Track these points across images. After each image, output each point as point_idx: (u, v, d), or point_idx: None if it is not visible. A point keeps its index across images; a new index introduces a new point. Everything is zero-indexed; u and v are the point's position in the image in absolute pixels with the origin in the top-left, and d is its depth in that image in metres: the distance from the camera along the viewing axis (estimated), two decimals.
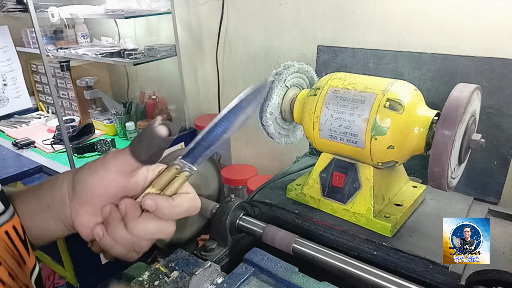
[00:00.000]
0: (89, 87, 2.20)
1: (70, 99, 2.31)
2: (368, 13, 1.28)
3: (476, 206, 0.93)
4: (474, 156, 0.88)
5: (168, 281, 0.70)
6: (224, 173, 1.77)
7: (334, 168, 0.88)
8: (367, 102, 0.79)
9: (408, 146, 0.77)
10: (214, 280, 0.72)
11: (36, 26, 1.51)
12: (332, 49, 1.18)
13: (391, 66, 1.07)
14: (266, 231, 0.81)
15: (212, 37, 1.78)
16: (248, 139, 1.88)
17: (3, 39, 2.21)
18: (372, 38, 1.29)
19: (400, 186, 0.92)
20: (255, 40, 1.65)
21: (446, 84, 0.98)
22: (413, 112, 0.76)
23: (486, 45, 1.07)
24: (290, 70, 0.93)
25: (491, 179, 0.95)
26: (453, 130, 0.67)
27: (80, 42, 2.23)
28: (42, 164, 1.81)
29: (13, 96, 2.31)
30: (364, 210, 0.83)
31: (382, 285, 0.67)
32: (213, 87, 1.90)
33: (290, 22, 1.50)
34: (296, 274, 0.71)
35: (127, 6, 1.92)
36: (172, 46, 1.87)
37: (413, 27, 1.20)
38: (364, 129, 0.78)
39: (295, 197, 0.95)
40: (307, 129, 0.88)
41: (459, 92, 0.70)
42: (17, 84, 2.31)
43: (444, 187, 0.72)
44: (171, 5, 1.79)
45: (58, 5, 1.97)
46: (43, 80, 2.42)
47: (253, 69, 1.71)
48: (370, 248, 0.80)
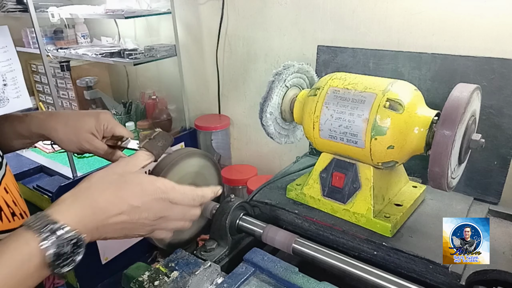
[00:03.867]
0: (89, 87, 2.20)
1: (70, 99, 2.31)
2: (368, 13, 1.28)
3: (476, 206, 0.93)
4: (474, 156, 0.88)
5: (168, 281, 0.70)
6: (224, 173, 1.77)
7: (334, 168, 0.88)
8: (367, 102, 0.79)
9: (408, 146, 0.77)
10: (214, 280, 0.72)
11: (36, 26, 1.52)
12: (332, 49, 1.18)
13: (391, 66, 1.07)
14: (266, 231, 0.81)
15: (212, 37, 1.78)
16: (248, 139, 1.88)
17: (3, 39, 2.19)
18: (372, 38, 1.29)
19: (400, 186, 0.92)
20: (255, 40, 1.65)
21: (446, 84, 0.98)
22: (413, 112, 0.76)
23: (486, 45, 1.08)
24: (290, 70, 0.93)
25: (491, 179, 0.95)
26: (453, 130, 0.67)
27: (80, 42, 2.23)
28: (42, 164, 1.81)
29: (13, 96, 2.30)
30: (364, 210, 0.83)
31: (382, 285, 0.67)
32: (213, 87, 1.90)
33: (290, 22, 1.50)
34: (296, 274, 0.71)
35: (127, 6, 1.93)
36: (172, 46, 1.87)
37: (413, 27, 1.20)
38: (364, 129, 0.78)
39: (295, 197, 0.95)
40: (307, 129, 0.88)
41: (459, 92, 0.70)
42: (17, 84, 2.30)
43: (444, 187, 0.72)
44: (171, 5, 1.79)
45: (58, 5, 1.98)
46: (43, 80, 2.42)
47: (253, 69, 1.71)
48: (370, 248, 0.80)
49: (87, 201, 0.48)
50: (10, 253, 0.42)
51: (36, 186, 1.63)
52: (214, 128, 1.86)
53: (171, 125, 2.05)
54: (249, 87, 1.77)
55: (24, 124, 0.73)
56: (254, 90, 1.75)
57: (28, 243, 0.42)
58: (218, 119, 1.90)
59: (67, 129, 0.72)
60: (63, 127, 0.72)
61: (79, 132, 0.72)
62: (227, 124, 1.87)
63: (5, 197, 0.57)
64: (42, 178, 1.76)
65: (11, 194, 0.59)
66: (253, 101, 1.78)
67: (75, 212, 0.46)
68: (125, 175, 0.53)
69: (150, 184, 0.53)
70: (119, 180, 0.51)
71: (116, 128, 0.75)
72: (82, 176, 1.62)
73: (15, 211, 0.58)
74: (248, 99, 1.80)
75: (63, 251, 0.43)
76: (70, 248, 0.44)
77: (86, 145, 0.72)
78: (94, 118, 0.73)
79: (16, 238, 0.43)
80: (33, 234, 0.43)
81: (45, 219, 0.44)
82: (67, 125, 0.72)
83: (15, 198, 0.60)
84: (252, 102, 1.78)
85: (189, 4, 1.82)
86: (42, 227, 0.43)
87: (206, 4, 1.76)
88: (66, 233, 0.44)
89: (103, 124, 0.73)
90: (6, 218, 0.56)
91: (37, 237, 0.42)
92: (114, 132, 0.75)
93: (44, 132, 0.73)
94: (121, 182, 0.51)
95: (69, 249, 0.44)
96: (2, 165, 0.60)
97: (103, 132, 0.74)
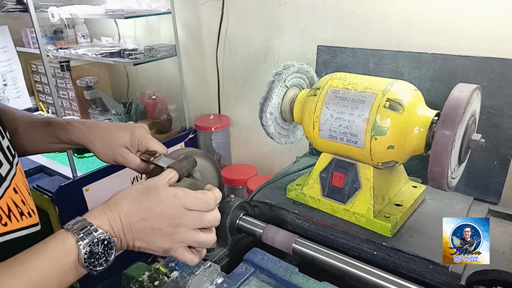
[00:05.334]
0: (89, 87, 2.20)
1: (70, 99, 2.31)
2: (368, 13, 1.28)
3: (476, 206, 0.93)
4: (474, 156, 0.88)
5: (168, 281, 0.70)
6: (224, 173, 1.77)
7: (334, 168, 0.88)
8: (367, 102, 0.79)
9: (408, 146, 0.77)
10: (214, 280, 0.72)
11: (36, 26, 1.51)
12: (332, 49, 1.18)
13: (391, 66, 1.07)
14: (266, 231, 0.81)
15: (212, 37, 1.78)
16: (248, 139, 1.88)
17: (3, 39, 2.20)
18: (372, 38, 1.29)
19: (400, 186, 0.92)
20: (255, 40, 1.65)
21: (446, 84, 0.98)
22: (413, 112, 0.76)
23: (486, 45, 1.07)
24: (290, 70, 0.93)
25: (491, 179, 0.95)
26: (453, 130, 0.67)
27: (80, 42, 2.23)
28: (42, 164, 1.81)
29: (13, 96, 2.30)
30: (364, 210, 0.83)
31: (382, 285, 0.67)
32: (213, 87, 1.90)
33: (290, 22, 1.50)
34: (296, 274, 0.71)
35: (127, 6, 1.92)
36: (172, 46, 1.87)
37: (413, 27, 1.20)
38: (364, 129, 0.78)
39: (295, 197, 0.95)
40: (307, 129, 0.88)
41: (459, 92, 0.70)
42: (18, 84, 2.31)
43: (444, 187, 0.72)
44: (171, 5, 1.79)
45: (58, 5, 1.98)
46: (43, 80, 2.42)
47: (253, 69, 1.71)
48: (370, 248, 0.80)
49: (114, 207, 0.54)
50: (50, 250, 0.48)
51: (36, 186, 1.63)
52: (214, 128, 1.86)
53: (171, 125, 2.05)
54: (249, 87, 1.77)
55: (66, 132, 0.78)
56: (254, 90, 1.75)
57: (64, 242, 0.49)
58: (218, 119, 1.90)
59: (104, 142, 0.77)
60: (100, 140, 0.77)
61: (114, 146, 0.77)
62: (227, 124, 1.87)
63: (14, 197, 0.59)
64: (42, 178, 1.75)
65: (20, 193, 0.62)
66: (253, 101, 1.78)
67: (106, 217, 0.52)
68: (148, 186, 0.58)
69: (165, 192, 0.57)
70: (142, 189, 0.57)
71: (150, 143, 0.79)
72: (82, 176, 1.61)
73: (23, 210, 0.61)
74: (248, 99, 1.80)
75: (95, 251, 0.49)
76: (102, 248, 0.50)
77: (120, 159, 0.77)
78: (130, 133, 0.78)
79: (55, 238, 0.49)
80: (70, 235, 0.49)
81: (81, 223, 0.50)
82: (104, 139, 0.77)
83: (24, 197, 0.63)
84: (252, 102, 1.78)
85: (189, 4, 1.82)
86: (79, 229, 0.50)
87: (206, 4, 1.76)
88: (98, 234, 0.50)
89: (137, 139, 0.78)
90: (15, 218, 0.59)
91: (73, 237, 0.49)
92: (148, 147, 0.78)
93: (83, 142, 0.79)
94: (143, 191, 0.56)
95: (101, 249, 0.50)
96: (13, 165, 0.62)
97: (137, 146, 0.78)
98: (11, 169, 0.61)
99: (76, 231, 0.49)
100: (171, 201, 0.56)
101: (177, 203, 0.56)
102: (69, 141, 0.79)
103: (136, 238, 0.54)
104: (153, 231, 0.55)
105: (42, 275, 0.47)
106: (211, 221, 0.59)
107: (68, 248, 0.48)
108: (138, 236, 0.54)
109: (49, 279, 0.47)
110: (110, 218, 0.52)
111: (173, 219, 0.55)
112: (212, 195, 0.60)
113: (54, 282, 0.48)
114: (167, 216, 0.55)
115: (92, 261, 0.49)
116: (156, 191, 0.56)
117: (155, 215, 0.55)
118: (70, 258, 0.48)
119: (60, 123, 0.80)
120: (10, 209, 0.58)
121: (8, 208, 0.57)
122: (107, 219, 0.52)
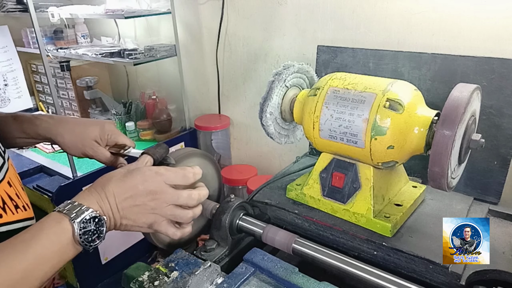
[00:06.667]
0: (89, 87, 2.20)
1: (70, 99, 2.31)
2: (368, 13, 1.28)
3: (476, 206, 0.93)
4: (474, 156, 0.88)
5: (168, 281, 0.70)
6: (224, 173, 1.77)
7: (334, 168, 0.88)
8: (367, 102, 0.79)
9: (408, 146, 0.77)
10: (214, 280, 0.72)
11: (36, 26, 1.51)
12: (332, 49, 1.18)
13: (391, 66, 1.07)
14: (266, 231, 0.81)
15: (212, 37, 1.78)
16: (248, 139, 1.88)
17: (3, 39, 2.20)
18: (372, 38, 1.29)
19: (400, 186, 0.92)
20: (255, 40, 1.65)
21: (446, 84, 0.98)
22: (413, 112, 0.76)
23: (486, 45, 1.07)
24: (290, 70, 0.93)
25: (491, 179, 0.95)
26: (453, 130, 0.67)
27: (80, 42, 2.23)
28: (42, 164, 1.81)
29: (14, 96, 2.30)
30: (364, 210, 0.83)
31: (382, 285, 0.67)
32: (213, 87, 1.90)
33: (290, 22, 1.50)
34: (296, 274, 0.71)
35: (127, 6, 1.93)
36: (172, 46, 1.87)
37: (413, 27, 1.20)
38: (364, 129, 0.78)
39: (295, 197, 0.95)
40: (307, 129, 0.88)
41: (459, 92, 0.70)
42: (18, 84, 2.31)
43: (444, 187, 0.72)
44: (171, 5, 1.79)
45: (58, 5, 1.98)
46: (43, 80, 2.42)
47: (253, 69, 1.71)
48: (370, 248, 0.80)
49: (100, 189, 0.57)
50: (47, 229, 0.52)
51: (36, 186, 1.63)
52: (214, 128, 1.86)
53: (171, 125, 2.05)
54: (249, 87, 1.77)
55: (33, 126, 0.80)
56: (254, 90, 1.75)
57: (60, 222, 0.52)
58: (218, 119, 1.90)
59: (73, 136, 0.79)
60: (69, 134, 0.79)
61: (84, 139, 0.79)
62: (227, 124, 1.87)
63: (8, 191, 0.62)
64: (42, 178, 1.76)
65: (14, 187, 0.64)
66: (253, 101, 1.78)
67: (94, 198, 0.56)
68: (130, 168, 0.61)
69: (148, 170, 0.61)
70: (125, 172, 0.60)
71: (119, 137, 0.82)
72: (82, 176, 1.62)
73: (18, 204, 0.63)
74: (248, 99, 1.80)
75: (88, 228, 0.53)
76: (93, 225, 0.53)
77: (90, 152, 0.80)
78: (100, 128, 0.81)
79: (50, 219, 0.53)
80: (63, 215, 0.53)
81: (72, 205, 0.54)
82: (73, 133, 0.79)
83: (18, 191, 0.65)
84: (252, 102, 1.78)
85: (189, 4, 1.82)
86: (71, 210, 0.53)
87: (206, 4, 1.76)
88: (89, 213, 0.53)
89: (107, 134, 0.81)
90: (10, 211, 0.61)
91: (66, 217, 0.52)
92: (117, 141, 0.82)
93: (51, 136, 0.80)
94: (127, 173, 0.60)
95: (93, 226, 0.53)
96: (5, 160, 0.64)
97: (106, 141, 0.81)
98: (4, 163, 0.63)
99: (68, 211, 0.53)
100: (154, 178, 0.59)
101: (159, 179, 0.59)
102: (36, 135, 0.80)
103: (123, 217, 0.58)
104: (138, 208, 0.58)
105: (44, 250, 0.50)
106: (185, 198, 0.61)
107: (64, 227, 0.52)
108: (124, 214, 0.57)
109: (50, 254, 0.51)
110: (97, 199, 0.56)
111: (155, 194, 0.59)
112: (191, 169, 0.63)
113: (55, 258, 0.51)
114: (150, 191, 0.58)
115: (86, 237, 0.53)
116: (139, 170, 0.60)
117: (139, 192, 0.58)
118: (67, 235, 0.52)
119: (27, 118, 0.81)
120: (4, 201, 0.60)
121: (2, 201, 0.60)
122: (95, 200, 0.55)
